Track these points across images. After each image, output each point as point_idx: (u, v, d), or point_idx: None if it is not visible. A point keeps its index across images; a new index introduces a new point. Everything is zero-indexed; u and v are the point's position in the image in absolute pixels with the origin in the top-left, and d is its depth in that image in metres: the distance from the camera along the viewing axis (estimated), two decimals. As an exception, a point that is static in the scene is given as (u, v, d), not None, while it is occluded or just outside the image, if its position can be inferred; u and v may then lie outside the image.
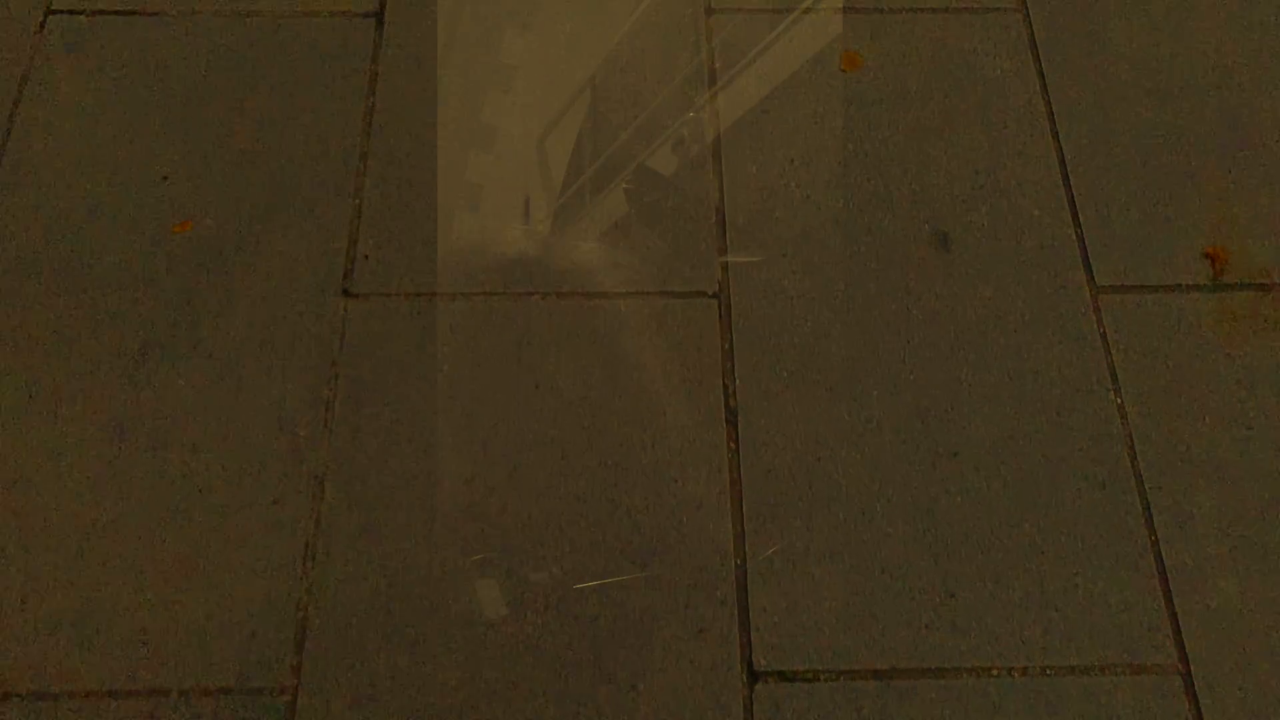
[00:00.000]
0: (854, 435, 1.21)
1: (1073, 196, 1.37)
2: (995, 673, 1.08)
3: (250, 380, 1.24)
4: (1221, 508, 1.17)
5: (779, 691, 1.07)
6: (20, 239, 1.32)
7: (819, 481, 1.18)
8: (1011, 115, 1.43)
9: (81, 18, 1.49)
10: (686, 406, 1.22)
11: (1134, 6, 1.52)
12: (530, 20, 1.51)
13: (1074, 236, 1.34)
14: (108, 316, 1.28)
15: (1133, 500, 1.18)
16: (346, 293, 1.30)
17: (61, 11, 1.50)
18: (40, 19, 1.49)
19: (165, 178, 1.38)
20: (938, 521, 1.16)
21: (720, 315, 1.29)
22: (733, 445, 1.20)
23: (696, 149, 1.40)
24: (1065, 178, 1.38)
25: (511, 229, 1.35)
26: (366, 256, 1.33)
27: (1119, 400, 1.23)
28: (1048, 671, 1.08)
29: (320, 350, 1.26)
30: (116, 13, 1.50)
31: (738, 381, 1.24)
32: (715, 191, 1.37)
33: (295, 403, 1.22)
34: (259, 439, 1.20)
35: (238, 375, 1.24)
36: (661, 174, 1.38)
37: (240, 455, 1.19)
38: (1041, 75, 1.46)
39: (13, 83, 1.43)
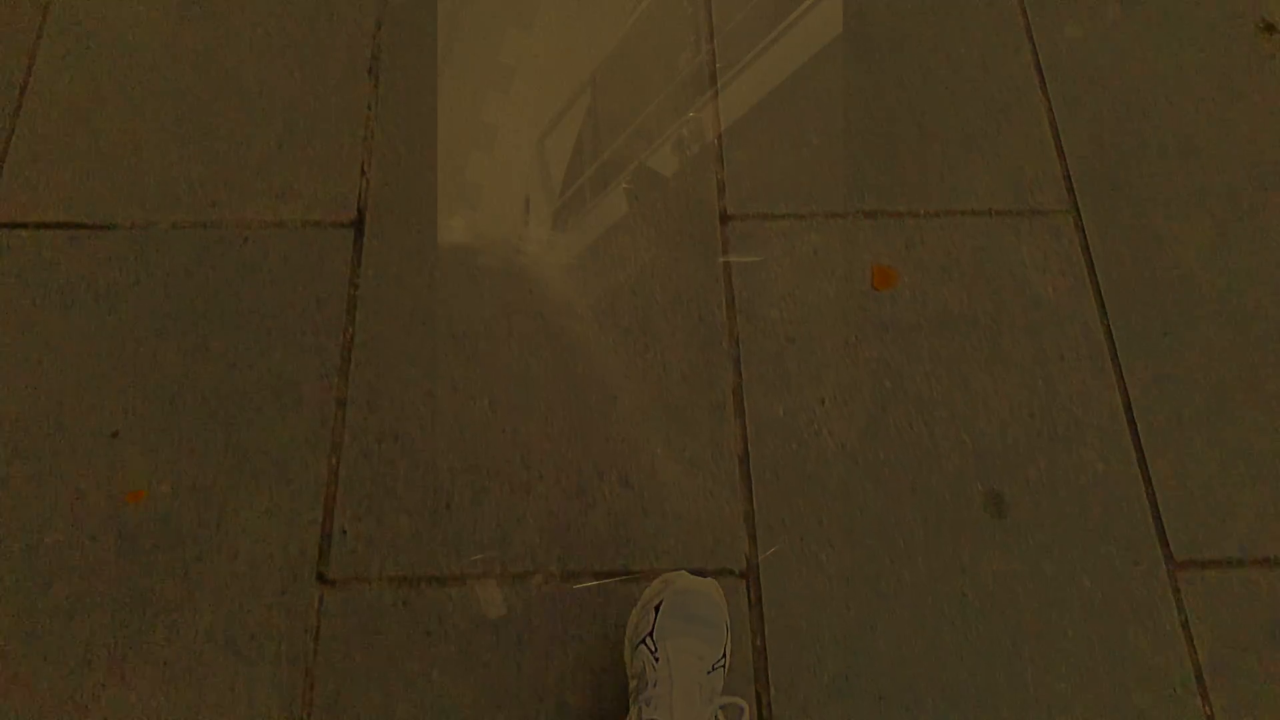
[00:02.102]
0: (907, 756, 1.06)
1: (1140, 446, 1.22)
2: None
3: (211, 694, 1.08)
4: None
5: None
6: (-53, 519, 1.16)
7: (869, 818, 1.03)
8: (1068, 344, 1.28)
9: (22, 232, 1.33)
10: (714, 724, 1.07)
11: (1194, 208, 1.38)
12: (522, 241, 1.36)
13: (1144, 495, 1.19)
14: (46, 617, 1.11)
15: (1228, 834, 1.03)
16: (321, 578, 1.14)
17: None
18: (-25, 237, 1.33)
19: (115, 434, 1.21)
20: None
21: (750, 601, 1.13)
22: (768, 772, 1.05)
23: (716, 393, 1.25)
24: (1131, 422, 1.23)
25: (519, 502, 1.19)
26: (345, 531, 1.16)
27: (1208, 711, 1.08)
28: None
29: (291, 653, 1.10)
30: (62, 226, 1.33)
31: (773, 690, 1.09)
32: (738, 442, 1.22)
33: (263, 728, 1.06)
34: (221, 777, 1.04)
35: (197, 687, 1.08)
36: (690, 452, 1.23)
37: (199, 799, 1.03)
38: (1099, 294, 1.31)
39: (-58, 318, 1.27)
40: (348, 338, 1.27)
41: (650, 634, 0.97)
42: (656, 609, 0.99)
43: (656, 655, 0.95)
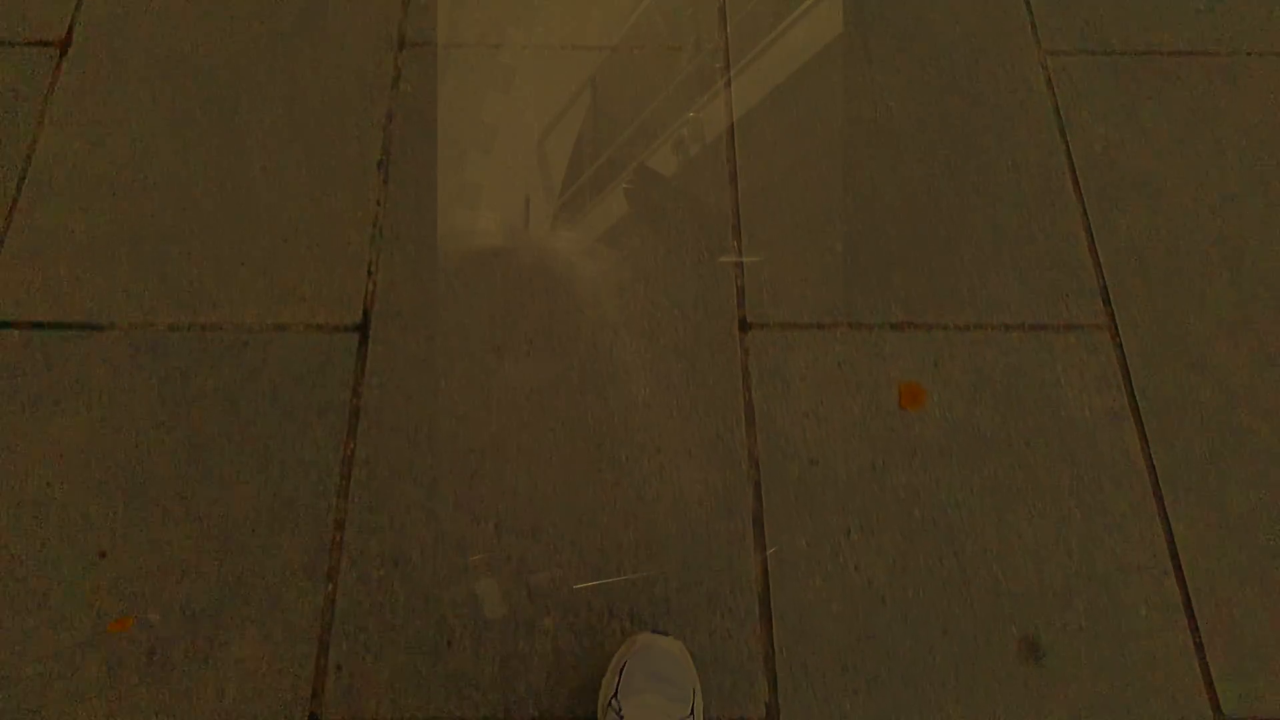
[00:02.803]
0: None
1: (1187, 590, 1.15)
2: None
3: None
4: None
5: None
6: (-79, 646, 1.09)
7: None
8: (1107, 473, 1.21)
9: (14, 331, 1.28)
10: None
11: (1239, 324, 1.31)
12: (530, 347, 1.30)
13: (1191, 646, 1.12)
14: (21, 760, 1.05)
15: None
16: (314, 720, 1.07)
17: (-8, 325, 1.28)
18: (-34, 337, 1.28)
19: (103, 554, 1.15)
20: None
21: (768, 756, 1.06)
22: None
23: (735, 521, 1.18)
24: (1176, 563, 1.16)
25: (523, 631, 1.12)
26: (340, 667, 1.10)
27: None
28: None
29: (280, 804, 1.03)
30: (56, 325, 1.28)
31: None
32: (758, 577, 1.15)
33: None
34: None
35: (177, 841, 1.01)
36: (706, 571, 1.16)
37: None
38: (1138, 418, 1.25)
39: (-73, 424, 1.22)
40: (348, 453, 1.21)
41: (615, 694, 0.97)
42: (621, 670, 0.99)
43: (621, 714, 0.92)
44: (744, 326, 1.31)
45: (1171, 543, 1.17)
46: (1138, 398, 1.26)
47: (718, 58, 1.52)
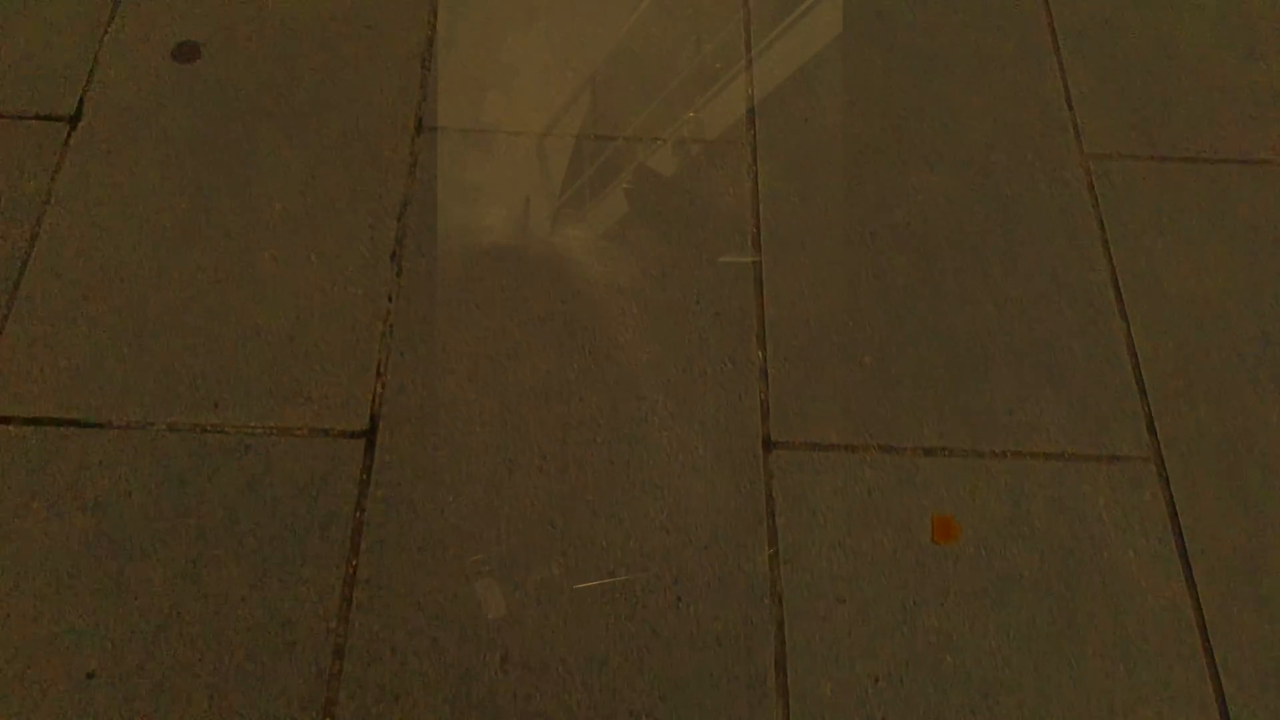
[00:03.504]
0: None
1: (1236, 759, 1.08)
2: None
3: None
4: None
5: None
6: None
7: None
8: (1152, 622, 1.14)
9: (9, 427, 1.22)
10: None
11: (1291, 461, 1.25)
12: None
13: (1241, 822, 1.05)
14: None
15: None
16: None
17: (-15, 419, 1.23)
18: (-43, 432, 1.22)
19: (91, 675, 1.09)
20: None
21: None
22: None
23: (756, 663, 1.12)
24: (1225, 728, 1.09)
25: (519, 778, 1.06)
26: (332, 814, 1.03)
27: None
28: None
29: None
30: (53, 421, 1.23)
31: None
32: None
33: None
34: None
35: None
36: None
37: None
38: (1186, 562, 1.18)
39: (-88, 527, 1.16)
40: (350, 571, 1.15)
41: None
42: None
43: None
44: (768, 445, 1.25)
45: (1222, 704, 1.10)
46: (1185, 539, 1.19)
47: (745, 153, 1.47)
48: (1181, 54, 1.58)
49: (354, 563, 1.16)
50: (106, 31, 1.52)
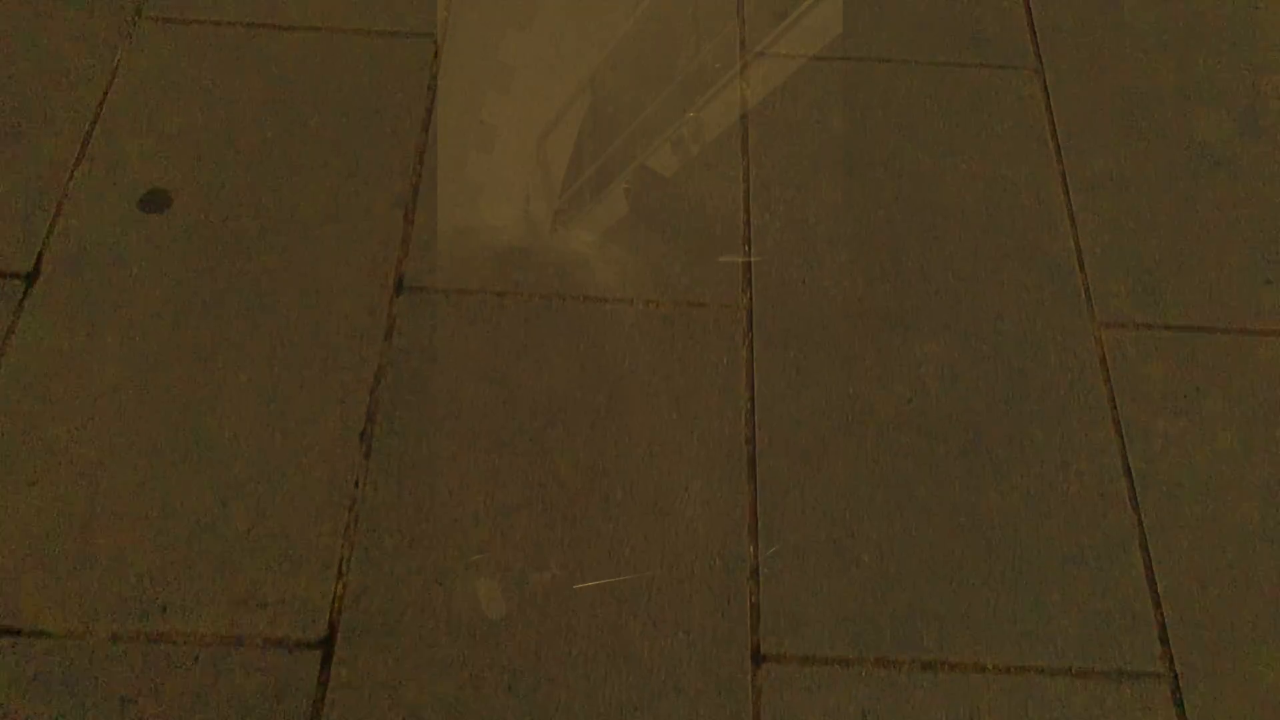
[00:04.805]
0: None
1: None
2: None
3: None
4: None
5: None
6: None
7: None
8: None
9: (-59, 629, 1.14)
10: None
11: (1319, 688, 1.16)
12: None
13: None
14: None
15: None
16: None
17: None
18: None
19: None
20: None
21: None
22: None
23: None
24: None
25: None
26: None
27: None
28: None
29: None
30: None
31: None
32: None
33: None
34: None
35: None
36: None
37: None
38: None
39: None
40: (301, 807, 1.06)
41: None
42: None
43: None
44: (758, 658, 1.16)
45: None
46: (1206, 784, 1.10)
47: (739, 322, 1.39)
48: (1198, 213, 1.51)
49: (305, 797, 1.07)
50: (71, 177, 1.45)
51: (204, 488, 1.24)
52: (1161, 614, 1.20)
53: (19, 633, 1.14)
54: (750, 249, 1.45)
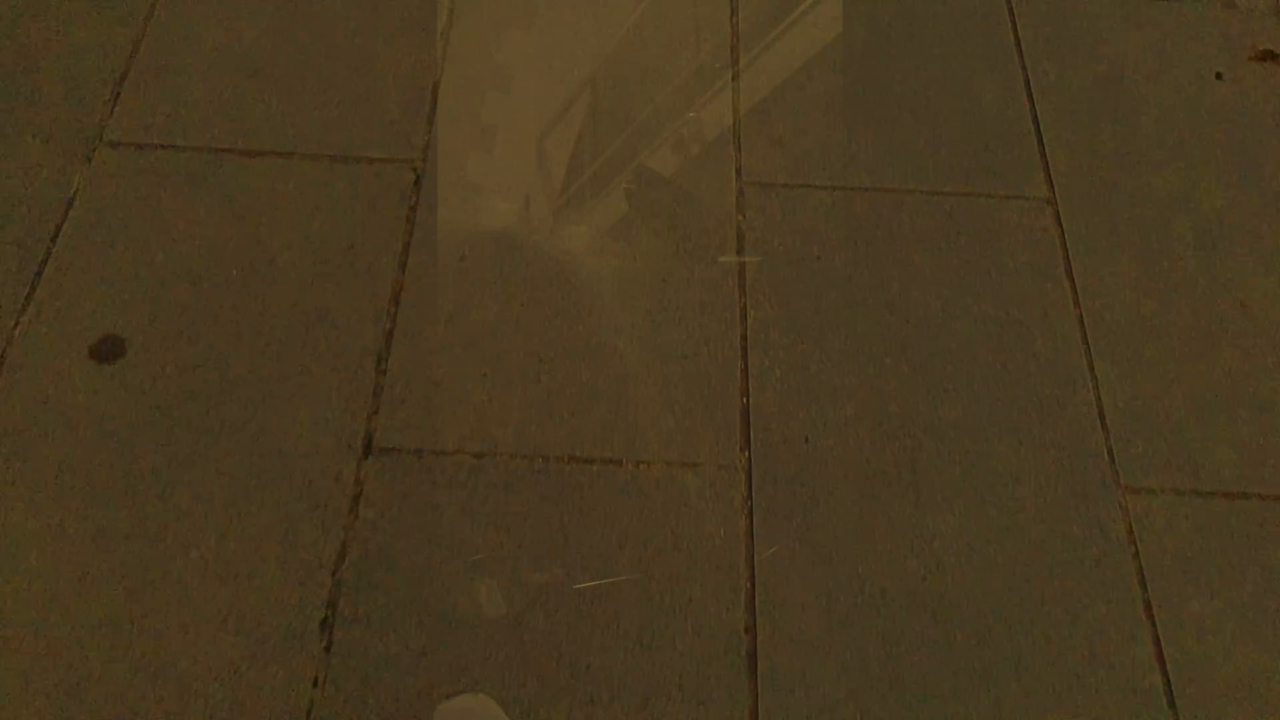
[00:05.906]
0: None
1: None
2: None
3: None
4: None
5: None
6: None
7: None
8: None
9: None
10: None
11: None
12: None
13: None
14: None
15: None
16: None
17: None
18: None
19: None
20: None
21: None
22: None
23: None
24: None
25: None
26: None
27: None
28: None
29: None
30: None
31: None
32: None
33: None
34: None
35: None
36: None
37: None
38: None
39: None
40: None
41: None
42: None
43: None
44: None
45: None
46: None
47: (737, 486, 1.29)
48: (1227, 362, 1.41)
49: None
50: (18, 323, 1.35)
51: (144, 696, 1.11)
52: (1205, 837, 1.09)
53: None
54: (749, 397, 1.35)
